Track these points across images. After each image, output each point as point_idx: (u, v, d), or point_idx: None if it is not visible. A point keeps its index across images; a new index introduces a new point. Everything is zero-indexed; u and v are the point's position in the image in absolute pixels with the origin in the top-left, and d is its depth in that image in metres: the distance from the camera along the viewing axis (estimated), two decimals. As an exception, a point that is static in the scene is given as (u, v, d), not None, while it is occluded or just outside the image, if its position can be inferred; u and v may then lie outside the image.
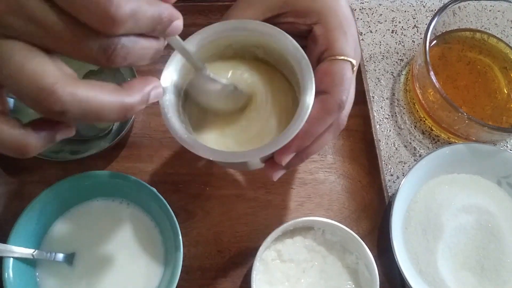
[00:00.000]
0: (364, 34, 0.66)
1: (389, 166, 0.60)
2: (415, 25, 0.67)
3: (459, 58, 0.63)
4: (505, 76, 0.62)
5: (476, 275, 0.52)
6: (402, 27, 0.67)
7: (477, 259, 0.53)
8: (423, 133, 0.62)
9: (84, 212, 0.52)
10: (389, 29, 0.67)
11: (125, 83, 0.29)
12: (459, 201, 0.54)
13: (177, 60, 0.39)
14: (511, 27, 0.61)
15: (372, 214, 0.56)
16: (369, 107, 0.59)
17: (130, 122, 0.54)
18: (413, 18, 0.68)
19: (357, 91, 0.59)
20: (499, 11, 0.61)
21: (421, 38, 0.66)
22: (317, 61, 0.40)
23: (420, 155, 0.60)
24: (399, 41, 0.66)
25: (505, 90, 0.62)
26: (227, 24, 0.40)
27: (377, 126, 0.61)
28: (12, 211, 0.50)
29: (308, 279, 0.50)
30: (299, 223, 0.50)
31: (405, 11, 0.68)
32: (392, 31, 0.67)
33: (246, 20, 0.40)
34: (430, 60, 0.55)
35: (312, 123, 0.37)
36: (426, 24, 0.57)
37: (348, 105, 0.41)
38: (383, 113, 0.62)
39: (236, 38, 0.40)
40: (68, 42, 0.25)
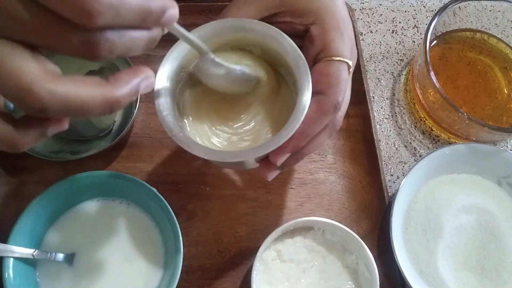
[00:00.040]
0: (364, 34, 0.66)
1: (389, 166, 0.60)
2: (416, 25, 0.67)
3: (460, 58, 0.63)
4: (505, 76, 0.62)
5: (476, 275, 0.52)
6: (403, 27, 0.67)
7: (477, 259, 0.53)
8: (423, 133, 0.62)
9: (84, 212, 0.52)
10: (389, 29, 0.67)
11: (112, 76, 0.29)
12: (459, 201, 0.54)
13: (173, 58, 0.38)
14: (511, 27, 0.61)
15: (372, 214, 0.56)
16: (369, 107, 0.59)
17: (130, 122, 0.53)
18: (414, 18, 0.68)
19: (357, 91, 0.60)
20: (500, 11, 0.61)
21: (421, 38, 0.66)
22: (314, 62, 0.40)
23: (420, 155, 0.60)
24: (399, 41, 0.66)
25: (505, 90, 0.62)
26: (225, 22, 0.40)
27: (377, 126, 0.61)
28: (12, 211, 0.50)
29: (308, 279, 0.50)
30: (299, 223, 0.50)
31: (405, 11, 0.68)
32: (393, 31, 0.67)
33: (244, 19, 0.40)
34: (431, 60, 0.55)
35: (308, 124, 0.37)
36: (427, 24, 0.57)
37: (344, 106, 0.41)
38: (383, 113, 0.62)
39: (234, 37, 0.40)
40: (50, 37, 0.25)
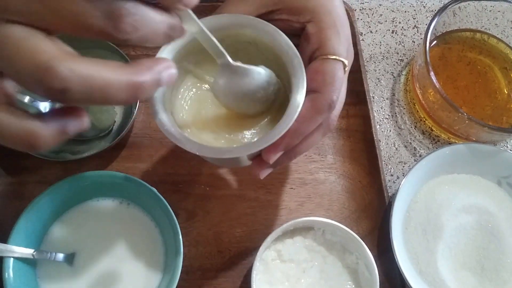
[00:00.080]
0: (364, 35, 0.66)
1: (389, 166, 0.60)
2: (415, 26, 0.67)
3: (459, 59, 0.63)
4: (505, 77, 0.62)
5: (476, 275, 0.52)
6: (402, 28, 0.67)
7: (477, 259, 0.53)
8: (423, 133, 0.62)
9: (84, 212, 0.52)
10: (389, 29, 0.67)
11: (133, 62, 0.26)
12: (459, 201, 0.54)
13: (168, 51, 0.38)
14: (511, 28, 0.61)
15: (372, 214, 0.56)
16: (369, 107, 0.59)
17: (130, 122, 0.54)
18: (413, 19, 0.68)
19: (357, 91, 0.60)
20: (499, 12, 0.61)
21: (421, 39, 0.66)
22: (309, 60, 0.39)
23: (420, 155, 0.60)
24: (399, 42, 0.66)
25: (505, 91, 0.62)
26: (221, 18, 0.39)
27: (377, 126, 0.61)
28: (12, 211, 0.49)
29: (308, 279, 0.50)
30: (299, 223, 0.50)
31: (405, 12, 0.68)
32: (392, 32, 0.67)
33: (241, 16, 0.39)
34: (430, 61, 0.55)
35: (302, 122, 0.37)
36: (426, 25, 0.57)
37: (339, 105, 0.41)
38: (383, 113, 0.62)
39: (230, 33, 0.40)
40: (70, 13, 0.24)
